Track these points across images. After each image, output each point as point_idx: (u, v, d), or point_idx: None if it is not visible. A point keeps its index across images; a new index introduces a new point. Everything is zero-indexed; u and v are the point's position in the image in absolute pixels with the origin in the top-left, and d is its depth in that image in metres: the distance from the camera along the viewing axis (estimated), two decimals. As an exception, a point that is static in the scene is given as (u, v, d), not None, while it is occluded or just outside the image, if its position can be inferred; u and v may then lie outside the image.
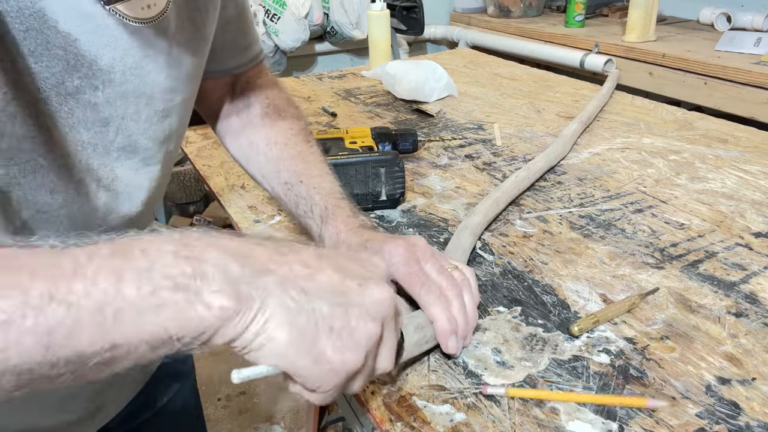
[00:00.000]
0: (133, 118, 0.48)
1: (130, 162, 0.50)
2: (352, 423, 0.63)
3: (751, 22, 1.80)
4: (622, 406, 0.46)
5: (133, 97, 0.47)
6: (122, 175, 0.50)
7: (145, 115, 0.49)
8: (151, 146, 0.51)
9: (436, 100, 1.21)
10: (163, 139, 0.52)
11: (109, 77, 0.44)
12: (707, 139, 0.97)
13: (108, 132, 0.47)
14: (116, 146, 0.48)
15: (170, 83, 0.50)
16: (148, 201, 0.54)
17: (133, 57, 0.46)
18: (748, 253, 0.65)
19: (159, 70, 0.48)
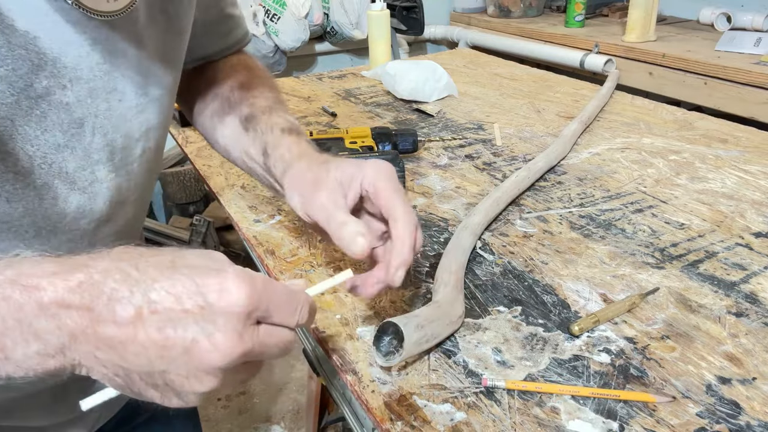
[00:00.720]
0: (105, 115, 0.46)
1: (111, 163, 0.48)
2: (352, 422, 0.63)
3: (751, 22, 1.80)
4: (624, 403, 0.46)
5: (104, 94, 0.46)
6: (102, 176, 0.48)
7: (119, 112, 0.47)
8: (128, 144, 0.49)
9: (436, 100, 1.22)
10: (140, 136, 0.51)
11: (76, 74, 0.43)
12: (707, 139, 0.97)
13: (84, 133, 0.45)
14: (96, 147, 0.47)
15: (142, 77, 0.49)
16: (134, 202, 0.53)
17: (100, 52, 0.44)
18: (749, 253, 0.65)
19: (130, 65, 0.47)
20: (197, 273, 0.33)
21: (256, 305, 0.33)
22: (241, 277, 0.33)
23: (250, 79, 0.65)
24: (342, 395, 0.64)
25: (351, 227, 0.46)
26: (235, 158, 0.63)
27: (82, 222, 0.48)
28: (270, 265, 0.66)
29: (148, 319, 0.31)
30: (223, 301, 0.32)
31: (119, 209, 0.51)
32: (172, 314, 0.31)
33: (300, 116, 1.15)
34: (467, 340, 0.53)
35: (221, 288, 0.32)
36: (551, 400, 0.46)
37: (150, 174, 0.55)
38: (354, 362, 0.51)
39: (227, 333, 0.32)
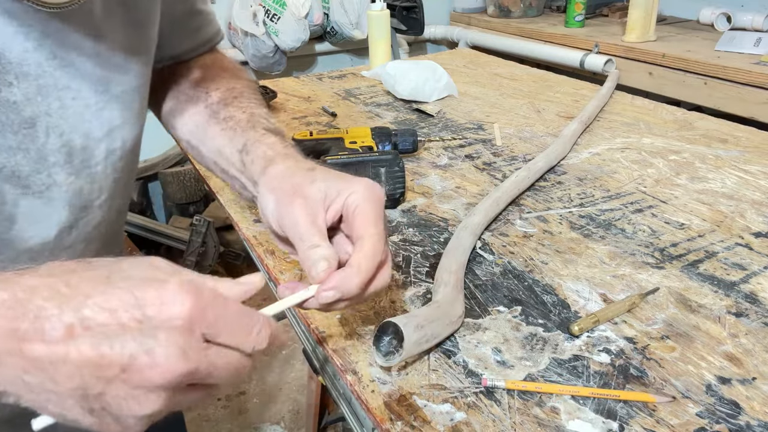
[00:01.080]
0: (60, 114, 0.43)
1: (70, 165, 0.45)
2: (352, 422, 0.63)
3: (751, 22, 1.80)
4: (624, 403, 0.46)
5: (56, 91, 0.43)
6: (61, 180, 0.45)
7: (75, 110, 0.44)
8: (88, 144, 0.46)
9: (436, 100, 1.21)
10: (102, 136, 0.47)
11: (23, 70, 0.40)
12: (707, 139, 0.97)
13: (37, 133, 0.42)
14: (51, 148, 0.43)
15: (101, 73, 0.46)
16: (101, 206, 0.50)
17: (49, 47, 0.41)
18: (748, 253, 0.65)
19: (85, 59, 0.44)
20: (135, 285, 0.30)
21: (201, 319, 0.31)
22: (185, 288, 0.31)
23: (229, 81, 0.62)
24: (342, 395, 0.64)
25: (320, 251, 0.41)
26: (206, 158, 0.59)
27: (38, 228, 0.45)
28: (270, 265, 0.66)
29: (81, 336, 0.29)
30: (163, 314, 0.30)
31: (83, 214, 0.48)
32: (108, 330, 0.29)
33: (300, 116, 1.15)
34: (467, 340, 0.53)
35: (161, 300, 0.30)
36: (551, 400, 0.46)
37: (119, 177, 0.51)
38: (354, 362, 0.51)
39: (168, 348, 0.29)
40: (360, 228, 0.42)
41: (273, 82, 1.38)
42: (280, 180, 0.46)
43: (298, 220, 0.43)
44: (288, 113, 1.17)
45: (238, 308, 0.33)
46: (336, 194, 0.44)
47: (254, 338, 0.33)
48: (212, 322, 0.31)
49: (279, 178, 0.46)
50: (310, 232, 0.42)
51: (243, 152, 0.52)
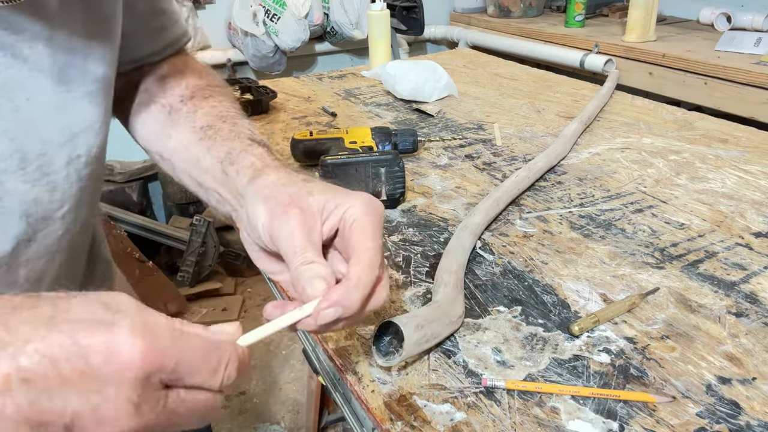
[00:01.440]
0: (11, 117, 0.40)
1: (24, 172, 0.41)
2: (352, 422, 0.63)
3: (751, 22, 1.81)
4: (624, 403, 0.46)
5: (6, 92, 0.39)
6: (13, 188, 0.41)
7: (28, 114, 0.41)
8: (46, 151, 0.42)
9: (436, 100, 1.21)
10: (63, 142, 0.44)
11: None
12: (707, 139, 0.97)
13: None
14: (1, 154, 0.40)
15: (60, 74, 0.42)
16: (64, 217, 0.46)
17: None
18: (749, 253, 0.65)
19: (39, 59, 0.41)
20: (81, 328, 0.27)
21: (158, 366, 0.27)
22: (138, 332, 0.27)
23: (204, 87, 0.57)
24: (342, 395, 0.64)
25: (316, 268, 0.38)
26: (180, 172, 0.54)
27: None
28: (270, 265, 0.66)
29: (18, 390, 0.25)
30: (110, 365, 0.26)
31: (43, 226, 0.44)
32: (48, 382, 0.26)
33: (300, 116, 1.15)
34: (467, 340, 0.53)
35: (108, 348, 0.26)
36: (551, 400, 0.46)
37: (84, 185, 0.47)
38: (354, 362, 0.51)
39: (117, 404, 0.26)
40: (357, 242, 0.39)
41: (273, 82, 1.38)
42: (273, 189, 0.42)
43: (294, 231, 0.39)
44: (288, 113, 1.17)
45: (201, 344, 0.29)
46: (334, 207, 0.41)
47: (221, 374, 0.30)
48: (172, 367, 0.28)
49: (272, 188, 0.43)
50: (305, 247, 0.39)
51: (225, 162, 0.48)
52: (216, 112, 0.53)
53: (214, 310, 2.17)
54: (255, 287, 2.29)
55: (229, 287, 2.27)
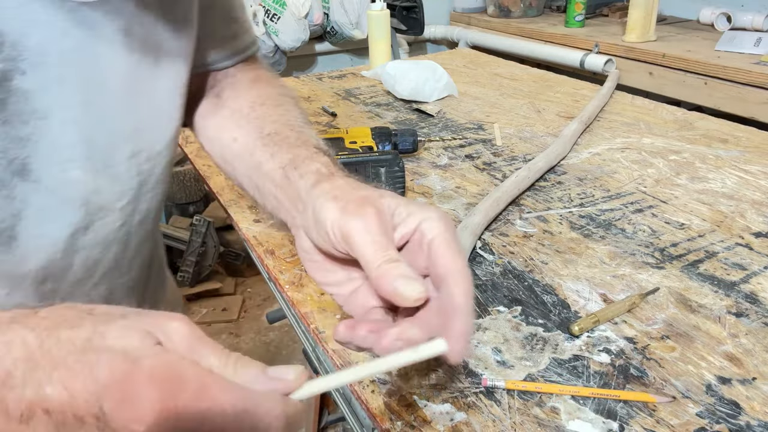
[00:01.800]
0: (79, 109, 0.41)
1: (89, 162, 0.42)
2: (352, 422, 0.63)
3: (751, 22, 1.80)
4: (624, 403, 0.46)
5: (79, 84, 0.40)
6: (78, 178, 0.42)
7: (99, 106, 0.42)
8: (111, 142, 0.44)
9: (436, 100, 1.21)
10: (128, 136, 0.45)
11: (41, 60, 0.38)
12: (707, 139, 0.97)
13: (50, 125, 0.40)
14: (67, 143, 0.41)
15: (131, 70, 0.44)
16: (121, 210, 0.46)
17: (74, 38, 0.39)
18: (749, 253, 0.65)
19: (115, 55, 0.42)
20: (104, 362, 0.25)
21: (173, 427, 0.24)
22: (158, 380, 0.24)
23: (275, 95, 0.58)
24: (342, 395, 0.64)
25: (403, 268, 0.34)
26: (240, 175, 0.54)
27: (49, 228, 0.42)
28: (270, 265, 0.66)
29: (41, 421, 0.25)
30: (122, 414, 0.24)
31: (100, 216, 0.45)
32: (65, 417, 0.25)
33: (300, 116, 1.15)
34: (467, 340, 0.53)
35: (122, 395, 0.24)
36: (551, 400, 0.46)
37: (144, 180, 0.48)
38: (354, 362, 0.51)
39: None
40: (449, 261, 0.35)
41: (273, 82, 1.38)
42: (343, 191, 0.39)
43: (371, 228, 0.36)
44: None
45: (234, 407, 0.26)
46: (406, 215, 0.38)
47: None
48: (195, 427, 0.25)
49: (342, 189, 0.40)
50: (386, 245, 0.35)
51: (288, 167, 0.46)
52: (284, 120, 0.53)
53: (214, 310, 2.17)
54: (255, 287, 2.29)
55: (229, 287, 2.27)
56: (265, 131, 0.52)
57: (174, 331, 0.28)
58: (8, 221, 0.40)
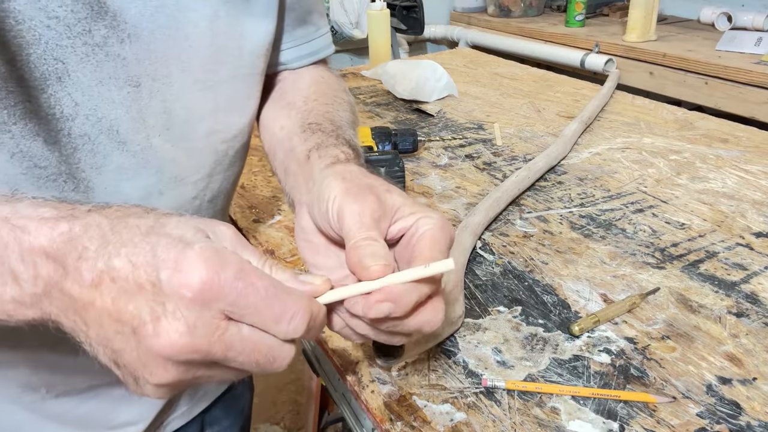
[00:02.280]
0: (165, 82, 0.44)
1: (169, 133, 0.46)
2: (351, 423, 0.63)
3: (752, 21, 1.80)
4: (624, 404, 0.46)
5: (164, 60, 0.44)
6: (157, 144, 0.45)
7: (182, 83, 0.45)
8: (189, 119, 0.47)
9: (436, 99, 1.21)
10: (206, 115, 0.48)
11: (136, 32, 0.42)
12: (708, 139, 0.97)
13: (141, 94, 0.43)
14: (152, 112, 0.44)
15: (213, 53, 0.46)
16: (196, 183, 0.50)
17: (166, 16, 0.43)
18: (749, 253, 0.65)
19: (200, 37, 0.45)
20: (163, 244, 0.29)
21: (216, 296, 0.28)
22: (205, 258, 0.28)
23: (330, 95, 0.59)
24: (342, 395, 0.64)
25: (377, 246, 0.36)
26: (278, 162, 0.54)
27: (125, 185, 0.45)
28: (270, 265, 0.66)
29: (107, 287, 0.29)
30: (173, 281, 0.28)
31: (174, 185, 0.48)
32: (128, 286, 0.28)
33: (300, 116, 1.15)
34: (467, 340, 0.53)
35: (176, 265, 0.28)
36: (551, 401, 0.46)
37: (219, 159, 0.51)
38: (354, 362, 0.51)
39: (174, 321, 0.28)
40: (425, 249, 0.37)
41: (273, 81, 1.38)
42: (354, 174, 0.41)
43: (364, 211, 0.37)
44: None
45: (267, 290, 0.30)
46: (408, 213, 0.39)
47: (285, 326, 0.30)
48: (232, 300, 0.29)
49: (353, 173, 0.41)
50: (371, 227, 0.37)
51: (313, 150, 0.47)
52: (329, 115, 0.54)
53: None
54: (255, 287, 2.29)
55: (230, 287, 2.27)
56: (307, 121, 0.54)
57: (221, 232, 0.32)
58: (88, 172, 0.43)
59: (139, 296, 0.28)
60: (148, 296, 0.28)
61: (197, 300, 0.28)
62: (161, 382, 0.29)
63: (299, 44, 0.61)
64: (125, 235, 0.30)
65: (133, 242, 0.29)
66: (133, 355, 0.29)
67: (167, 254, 0.29)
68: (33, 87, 0.39)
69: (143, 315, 0.28)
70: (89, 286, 0.29)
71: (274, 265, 0.33)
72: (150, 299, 0.28)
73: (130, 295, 0.28)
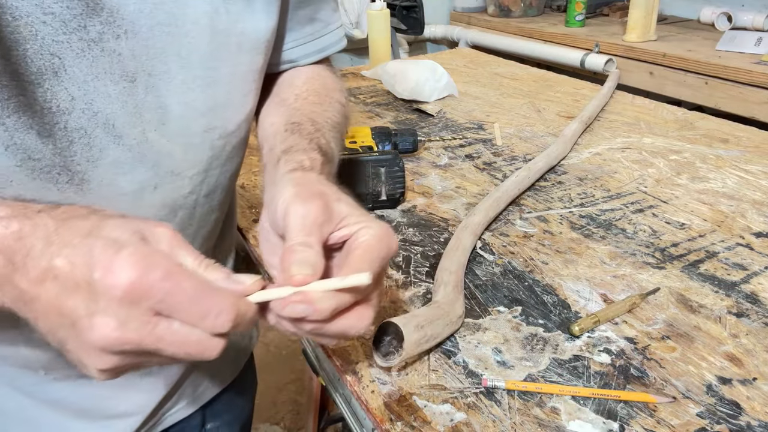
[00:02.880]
0: (162, 78, 0.45)
1: (165, 128, 0.46)
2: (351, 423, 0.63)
3: (752, 21, 1.80)
4: (624, 404, 0.46)
5: (162, 56, 0.44)
6: (153, 139, 0.46)
7: (180, 79, 0.46)
8: (187, 114, 0.47)
9: (436, 99, 1.21)
10: (204, 111, 0.48)
11: (133, 28, 0.42)
12: (708, 139, 0.97)
13: (137, 89, 0.44)
14: (149, 107, 0.45)
15: (213, 50, 0.47)
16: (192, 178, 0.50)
17: (165, 13, 0.43)
18: (749, 253, 0.65)
19: (200, 33, 0.45)
20: (100, 245, 0.31)
21: (144, 295, 0.31)
22: (134, 259, 0.30)
23: (322, 94, 0.59)
24: (342, 395, 0.64)
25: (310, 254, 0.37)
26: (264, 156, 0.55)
27: (120, 179, 0.46)
28: (270, 265, 0.66)
29: (51, 284, 0.32)
30: (105, 281, 0.30)
31: (170, 180, 0.49)
32: (68, 283, 0.31)
33: (300, 116, 1.15)
34: (467, 340, 0.53)
35: (108, 266, 0.31)
36: (551, 401, 0.46)
37: (216, 155, 0.52)
38: (354, 362, 0.51)
39: (106, 317, 0.31)
40: (356, 259, 0.38)
41: (273, 81, 1.38)
42: (309, 181, 0.43)
43: (308, 215, 0.39)
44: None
45: (194, 289, 0.32)
46: (354, 222, 0.40)
47: (212, 322, 0.32)
48: (160, 299, 0.31)
49: (308, 180, 0.43)
50: (310, 232, 0.38)
51: (283, 153, 0.49)
52: (314, 115, 0.55)
53: (214, 310, 2.16)
54: (255, 287, 2.29)
55: (230, 287, 2.27)
56: (291, 119, 0.54)
57: (159, 234, 0.34)
58: (83, 165, 0.44)
59: (77, 293, 0.31)
60: (84, 294, 0.31)
61: (126, 299, 0.30)
62: (101, 368, 0.33)
63: (307, 42, 0.61)
64: (67, 237, 0.32)
65: (73, 243, 0.32)
66: (75, 344, 0.32)
67: (102, 256, 0.31)
68: (29, 81, 0.39)
69: (80, 310, 0.31)
70: (35, 282, 0.32)
71: (210, 265, 0.35)
72: (86, 296, 0.31)
73: (69, 292, 0.31)
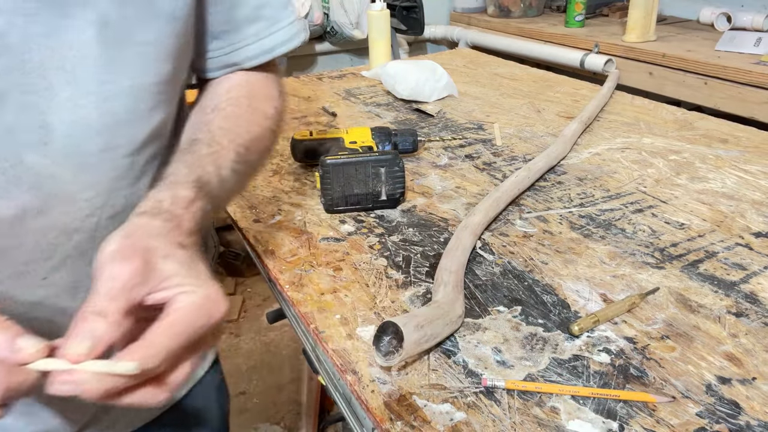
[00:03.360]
0: (42, 94, 0.41)
1: (48, 149, 0.42)
2: (351, 422, 0.63)
3: (751, 22, 1.80)
4: (624, 403, 0.46)
5: (41, 70, 0.40)
6: (33, 162, 0.42)
7: (65, 95, 0.42)
8: (76, 133, 0.43)
9: (436, 100, 1.21)
10: (100, 129, 0.44)
11: (5, 43, 0.38)
12: (707, 139, 0.97)
13: (7, 108, 0.40)
14: (23, 127, 0.41)
15: (107, 64, 0.43)
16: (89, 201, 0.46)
17: (43, 24, 0.39)
18: (749, 253, 0.65)
19: (88, 45, 0.41)
20: None
21: None
22: None
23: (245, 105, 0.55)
24: (342, 395, 0.64)
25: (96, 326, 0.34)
26: None
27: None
28: (270, 265, 0.66)
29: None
30: None
31: (57, 203, 0.45)
32: None
33: (300, 116, 1.15)
34: (467, 340, 0.53)
35: None
36: (551, 400, 0.46)
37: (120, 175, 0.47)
38: (354, 362, 0.51)
39: None
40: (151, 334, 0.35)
41: (273, 82, 1.38)
42: (144, 232, 0.39)
43: (118, 277, 0.35)
44: (288, 113, 1.17)
45: None
46: (175, 285, 0.37)
47: None
48: None
49: (144, 231, 0.39)
50: (114, 297, 0.35)
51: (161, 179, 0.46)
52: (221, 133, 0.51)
53: (214, 310, 2.16)
54: (255, 287, 2.29)
55: (229, 287, 2.27)
56: (194, 135, 0.51)
57: None
58: None
59: None
60: None
61: None
62: None
63: (250, 43, 0.56)
64: None
65: None
66: None
67: None
68: None
69: None
70: None
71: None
72: None
73: None
